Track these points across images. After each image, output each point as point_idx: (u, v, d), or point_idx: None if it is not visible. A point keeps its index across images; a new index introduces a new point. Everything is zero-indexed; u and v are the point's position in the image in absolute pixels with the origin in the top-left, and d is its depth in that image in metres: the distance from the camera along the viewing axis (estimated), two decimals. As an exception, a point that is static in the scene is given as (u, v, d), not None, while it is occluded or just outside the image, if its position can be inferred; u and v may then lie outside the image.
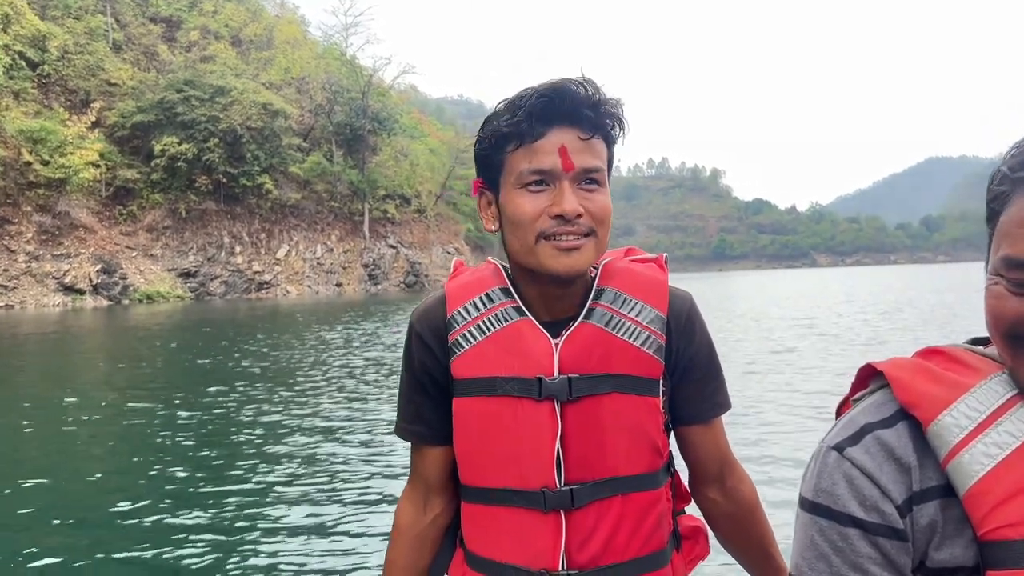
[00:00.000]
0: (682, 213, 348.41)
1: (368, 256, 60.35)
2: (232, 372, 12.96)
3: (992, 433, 0.80)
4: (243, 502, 5.73)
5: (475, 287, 1.37)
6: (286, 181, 57.45)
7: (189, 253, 51.36)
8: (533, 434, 1.27)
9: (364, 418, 8.82)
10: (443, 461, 1.40)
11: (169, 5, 61.94)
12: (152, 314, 33.48)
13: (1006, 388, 0.83)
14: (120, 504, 5.70)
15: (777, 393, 9.74)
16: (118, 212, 50.37)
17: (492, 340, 1.31)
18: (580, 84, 1.23)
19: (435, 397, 1.37)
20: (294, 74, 63.55)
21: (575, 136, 1.23)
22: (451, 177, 74.78)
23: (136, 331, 24.49)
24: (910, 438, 0.85)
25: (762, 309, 28.39)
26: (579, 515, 1.27)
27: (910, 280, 57.37)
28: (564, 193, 1.22)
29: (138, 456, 7.34)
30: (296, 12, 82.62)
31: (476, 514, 1.35)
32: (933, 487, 0.82)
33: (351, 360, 14.35)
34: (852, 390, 0.97)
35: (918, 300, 30.20)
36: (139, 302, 44.65)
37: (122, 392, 11.19)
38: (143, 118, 51.48)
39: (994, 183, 0.86)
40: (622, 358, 1.28)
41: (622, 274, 1.35)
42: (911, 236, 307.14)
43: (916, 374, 0.87)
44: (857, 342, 15.42)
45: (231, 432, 8.28)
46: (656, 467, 1.31)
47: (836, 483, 0.86)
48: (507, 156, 1.26)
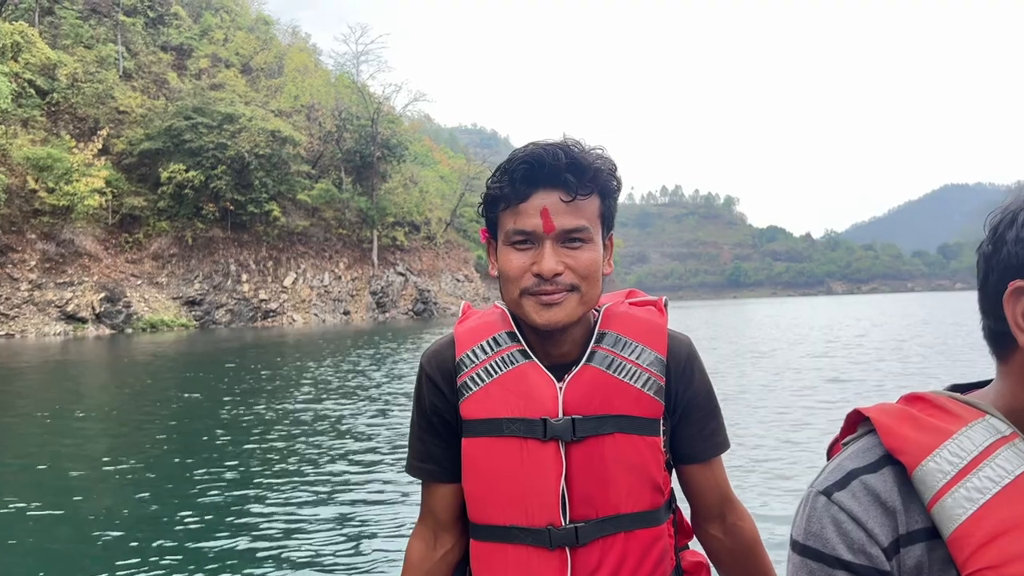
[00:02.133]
0: (696, 240, 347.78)
1: (376, 284, 59.50)
2: (241, 404, 12.10)
3: (973, 478, 0.83)
4: (249, 535, 5.63)
5: (483, 331, 1.43)
6: (294, 208, 56.87)
7: (195, 281, 50.69)
8: (539, 473, 1.33)
9: (376, 454, 8.55)
10: (452, 499, 1.45)
11: (180, 34, 62.00)
12: (156, 343, 32.72)
13: (986, 435, 0.86)
14: (106, 537, 5.51)
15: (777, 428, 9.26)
16: (124, 240, 49.89)
17: (499, 382, 1.37)
18: (561, 149, 1.30)
19: (444, 436, 1.43)
20: (304, 101, 63.32)
21: (557, 199, 1.30)
22: (461, 204, 74.18)
23: (136, 361, 23.67)
24: (895, 483, 0.87)
25: (778, 340, 27.21)
26: (584, 552, 1.33)
27: (931, 309, 55.89)
28: (544, 253, 1.30)
29: (129, 491, 7.05)
30: (307, 41, 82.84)
31: (484, 551, 1.39)
32: (919, 529, 0.85)
33: (361, 392, 13.57)
34: (842, 434, 1.00)
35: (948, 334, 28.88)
36: (143, 331, 43.90)
37: (116, 427, 10.55)
38: (151, 145, 51.18)
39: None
40: (623, 399, 1.34)
41: (622, 318, 1.41)
42: (928, 264, 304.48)
43: (901, 421, 0.90)
44: (868, 382, 14.29)
45: (241, 468, 7.87)
46: (658, 504, 1.37)
47: (825, 527, 0.88)
48: (499, 215, 1.36)
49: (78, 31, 53.71)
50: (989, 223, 0.90)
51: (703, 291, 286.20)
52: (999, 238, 0.87)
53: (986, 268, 0.89)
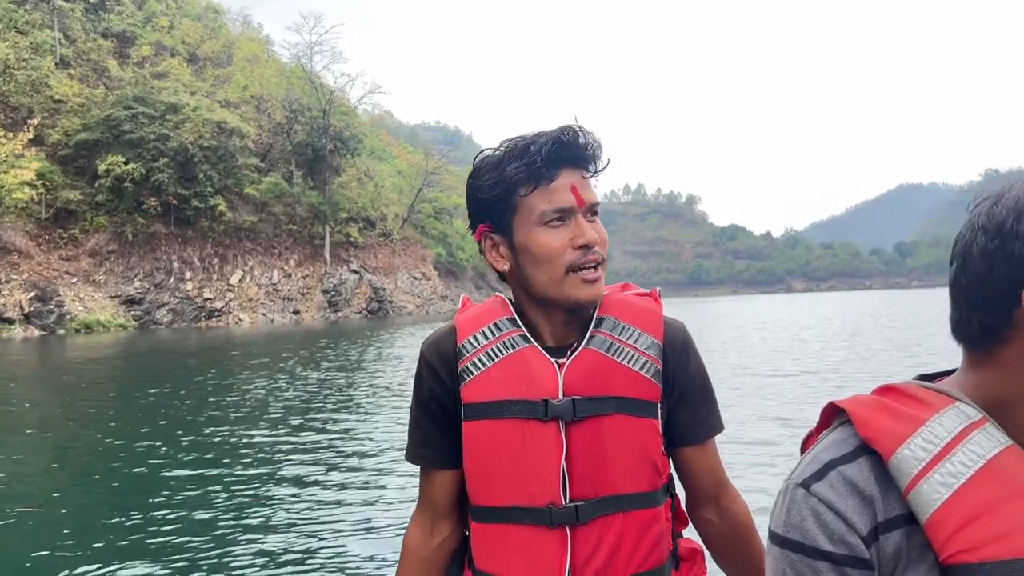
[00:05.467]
0: (658, 239, 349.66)
1: (329, 282, 57.22)
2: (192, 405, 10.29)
3: (947, 464, 0.86)
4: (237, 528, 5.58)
5: (484, 318, 1.47)
6: (241, 203, 54.35)
7: (135, 279, 48.12)
8: (540, 454, 1.36)
9: (368, 443, 8.55)
10: (450, 485, 1.48)
11: (123, 20, 59.00)
12: (89, 345, 30.48)
13: (957, 420, 0.89)
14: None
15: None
16: (58, 236, 47.10)
17: (500, 366, 1.40)
18: (581, 131, 1.38)
19: (443, 423, 1.46)
20: (253, 92, 60.77)
21: (580, 175, 1.38)
22: (419, 200, 72.20)
23: (70, 363, 21.57)
24: (871, 472, 0.90)
25: (741, 337, 26.12)
26: (584, 531, 1.36)
27: (886, 307, 55.59)
28: (583, 226, 1.37)
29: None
30: (260, 32, 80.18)
31: (485, 533, 1.42)
32: (897, 516, 0.88)
33: (334, 385, 12.19)
34: (818, 428, 1.02)
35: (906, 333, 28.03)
36: (76, 332, 41.32)
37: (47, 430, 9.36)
38: (88, 136, 48.47)
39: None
40: (623, 381, 1.38)
41: (620, 304, 1.46)
42: (885, 262, 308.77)
43: (875, 411, 0.92)
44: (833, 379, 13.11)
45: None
46: (656, 486, 1.40)
47: (804, 518, 0.90)
48: (519, 199, 1.38)
49: (12, 16, 50.65)
50: (987, 218, 0.89)
51: (665, 289, 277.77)
52: (1008, 233, 0.86)
53: (988, 263, 0.88)
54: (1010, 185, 0.91)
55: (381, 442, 8.80)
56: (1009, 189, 0.90)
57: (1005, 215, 0.87)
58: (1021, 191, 0.88)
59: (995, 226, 0.88)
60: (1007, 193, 0.89)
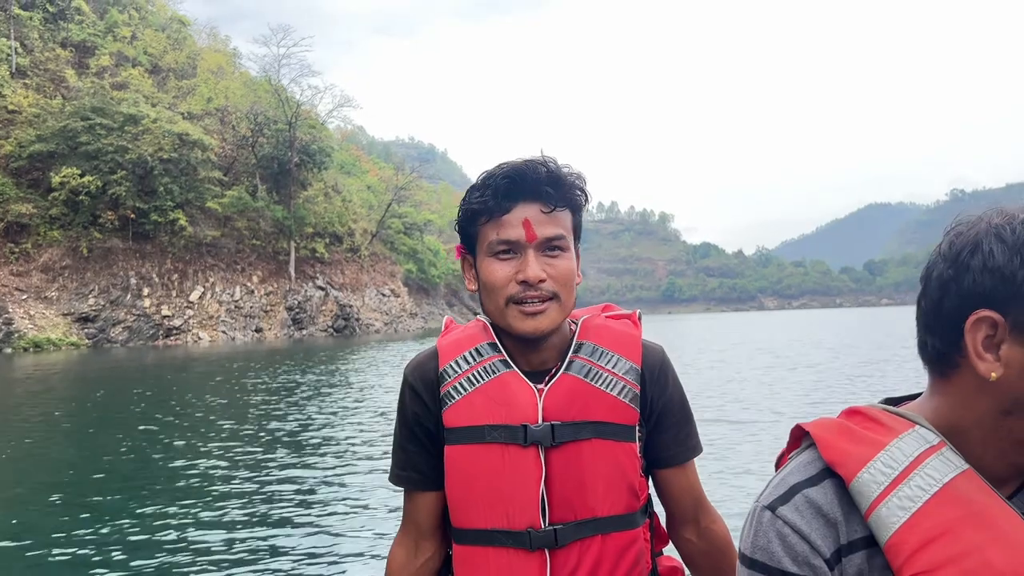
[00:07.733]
0: (631, 256, 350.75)
1: (293, 299, 55.57)
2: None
3: (905, 487, 0.88)
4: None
5: (465, 343, 1.48)
6: (203, 217, 52.66)
7: (89, 296, 46.25)
8: (519, 478, 1.37)
9: (354, 470, 8.40)
10: (433, 506, 1.49)
11: (83, 30, 57.25)
12: (37, 365, 28.82)
13: (916, 445, 0.91)
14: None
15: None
16: (9, 251, 45.18)
17: (481, 391, 1.41)
18: (541, 164, 1.39)
19: (426, 445, 1.47)
20: (217, 104, 59.25)
21: (538, 210, 1.38)
22: (389, 215, 70.88)
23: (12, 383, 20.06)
24: (835, 494, 0.92)
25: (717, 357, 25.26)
26: (562, 554, 1.37)
27: (860, 325, 55.15)
28: (528, 261, 1.37)
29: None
30: (227, 44, 78.64)
31: (467, 555, 1.43)
32: (859, 539, 0.90)
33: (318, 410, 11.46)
34: (788, 448, 1.05)
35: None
36: (24, 350, 39.48)
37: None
38: (42, 147, 46.67)
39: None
40: (600, 406, 1.39)
41: (599, 329, 1.47)
42: (855, 280, 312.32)
43: (839, 435, 0.95)
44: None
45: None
46: (634, 508, 1.42)
47: (771, 541, 0.93)
48: (479, 228, 1.42)
49: (-35, 24, 49.04)
50: (948, 246, 0.92)
51: (639, 306, 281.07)
52: (961, 264, 0.89)
53: (942, 291, 0.91)
54: (987, 215, 0.91)
55: (359, 464, 8.64)
56: (979, 220, 0.91)
57: (962, 246, 0.89)
58: (984, 227, 0.89)
59: (952, 255, 0.90)
60: (976, 224, 0.90)
